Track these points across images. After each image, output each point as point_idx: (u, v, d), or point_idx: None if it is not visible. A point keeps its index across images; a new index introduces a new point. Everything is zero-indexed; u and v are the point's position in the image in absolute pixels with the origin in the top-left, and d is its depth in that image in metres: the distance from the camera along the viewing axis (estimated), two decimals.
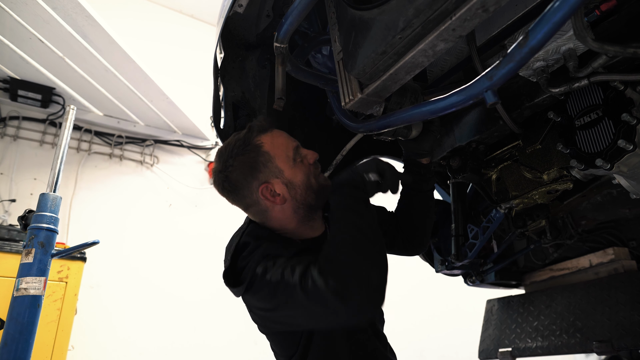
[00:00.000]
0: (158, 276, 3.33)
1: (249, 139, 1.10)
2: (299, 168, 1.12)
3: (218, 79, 1.38)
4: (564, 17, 0.55)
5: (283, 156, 1.11)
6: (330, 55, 1.31)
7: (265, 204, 1.10)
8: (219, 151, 1.15)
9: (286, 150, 1.12)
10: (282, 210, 1.11)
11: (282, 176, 1.10)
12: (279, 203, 1.10)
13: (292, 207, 1.11)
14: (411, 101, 1.07)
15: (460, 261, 1.57)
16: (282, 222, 1.13)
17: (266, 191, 1.08)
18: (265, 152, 1.09)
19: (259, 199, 1.09)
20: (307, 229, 1.16)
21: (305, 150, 1.16)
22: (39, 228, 1.61)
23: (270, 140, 1.11)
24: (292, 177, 1.11)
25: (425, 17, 0.69)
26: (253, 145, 1.10)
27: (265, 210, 1.11)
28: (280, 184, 1.09)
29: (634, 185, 1.07)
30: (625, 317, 1.34)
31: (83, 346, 2.89)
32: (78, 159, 3.34)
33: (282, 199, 1.09)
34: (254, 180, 1.09)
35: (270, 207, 1.10)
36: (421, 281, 4.29)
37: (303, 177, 1.12)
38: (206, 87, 1.56)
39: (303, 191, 1.11)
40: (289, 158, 1.11)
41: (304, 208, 1.12)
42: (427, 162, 1.32)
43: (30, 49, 2.66)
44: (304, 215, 1.13)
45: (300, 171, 1.12)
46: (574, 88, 0.97)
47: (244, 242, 1.06)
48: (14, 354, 1.46)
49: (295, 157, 1.12)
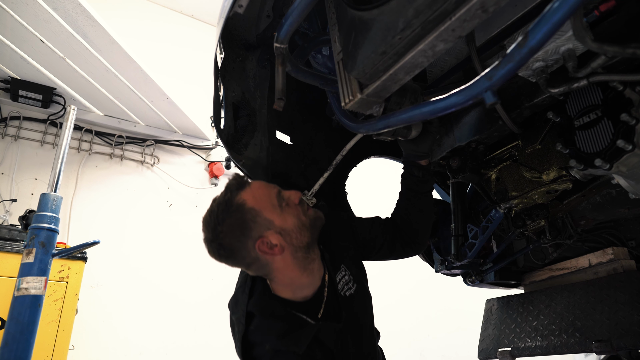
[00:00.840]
0: (158, 276, 3.34)
1: (230, 200, 1.10)
2: (287, 213, 1.13)
3: (218, 79, 1.38)
4: (564, 18, 0.56)
5: (269, 207, 1.11)
6: (330, 55, 1.31)
7: (266, 258, 1.10)
8: (204, 220, 1.13)
9: (270, 200, 1.12)
10: (283, 259, 1.11)
11: (274, 226, 1.10)
12: (278, 253, 1.10)
13: (291, 252, 1.11)
14: (411, 101, 1.07)
15: (460, 261, 1.58)
16: (285, 272, 1.12)
17: (263, 246, 1.08)
18: (250, 208, 1.09)
19: (258, 255, 1.09)
20: (308, 276, 1.15)
21: (287, 192, 1.17)
22: (39, 228, 1.62)
23: (251, 196, 1.11)
24: (283, 223, 1.11)
25: (425, 17, 0.69)
26: (236, 206, 1.09)
27: (267, 263, 1.11)
28: (274, 234, 1.09)
29: (633, 185, 1.07)
30: (625, 316, 1.34)
31: (84, 346, 2.89)
32: (79, 159, 3.34)
33: (280, 248, 1.09)
34: (248, 240, 1.08)
35: (271, 259, 1.10)
36: (421, 281, 4.30)
37: (294, 220, 1.13)
38: (206, 87, 1.57)
39: (297, 234, 1.12)
40: (274, 206, 1.11)
41: (301, 250, 1.13)
42: (427, 163, 1.33)
43: (31, 49, 2.66)
44: (303, 256, 1.13)
45: (289, 215, 1.13)
46: (573, 88, 0.97)
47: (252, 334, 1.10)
48: (15, 354, 1.46)
49: (280, 203, 1.13)
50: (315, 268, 1.17)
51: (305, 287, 1.16)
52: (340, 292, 1.18)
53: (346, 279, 1.22)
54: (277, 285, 1.15)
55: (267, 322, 1.09)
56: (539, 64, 1.00)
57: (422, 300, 4.45)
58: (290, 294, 1.14)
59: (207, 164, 3.92)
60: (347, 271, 1.24)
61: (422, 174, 1.32)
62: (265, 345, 1.06)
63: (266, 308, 1.11)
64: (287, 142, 1.56)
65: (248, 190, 1.13)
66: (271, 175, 1.47)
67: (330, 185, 1.60)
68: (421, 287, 4.40)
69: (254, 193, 1.12)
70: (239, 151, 1.46)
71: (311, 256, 1.16)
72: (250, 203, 1.09)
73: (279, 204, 1.12)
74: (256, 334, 1.09)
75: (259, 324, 1.10)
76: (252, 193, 1.12)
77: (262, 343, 1.07)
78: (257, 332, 1.09)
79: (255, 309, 1.11)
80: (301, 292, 1.15)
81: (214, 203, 1.13)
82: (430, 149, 1.29)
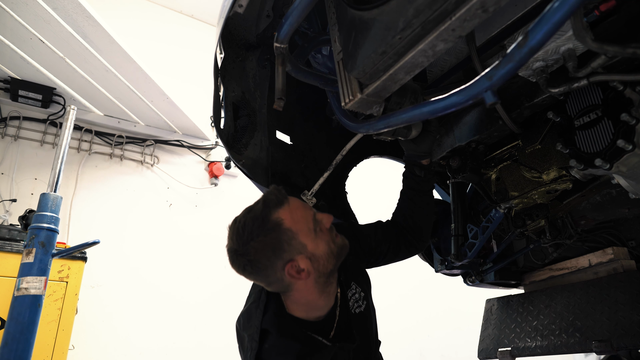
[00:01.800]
0: (158, 276, 3.34)
1: (267, 217, 1.03)
2: (320, 238, 1.09)
3: (218, 79, 1.38)
4: (564, 17, 0.56)
5: (305, 230, 1.06)
6: (330, 55, 1.31)
7: (289, 280, 1.06)
8: (234, 231, 1.06)
9: (307, 223, 1.07)
10: (305, 284, 1.08)
11: (306, 251, 1.05)
12: (304, 278, 1.06)
13: (314, 278, 1.08)
14: (411, 101, 1.07)
15: (460, 261, 1.58)
16: (304, 293, 1.10)
17: (291, 269, 1.04)
18: (287, 229, 1.03)
19: (284, 276, 1.05)
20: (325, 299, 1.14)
21: (320, 215, 1.12)
22: (39, 228, 1.62)
23: (289, 215, 1.05)
24: (315, 249, 1.07)
25: (425, 17, 0.69)
26: (273, 224, 1.03)
27: (288, 285, 1.08)
28: (304, 259, 1.05)
29: (633, 185, 1.07)
30: (625, 316, 1.34)
31: (84, 346, 2.89)
32: (78, 159, 3.34)
33: (307, 273, 1.06)
34: (278, 260, 1.03)
35: (294, 282, 1.07)
36: (421, 281, 4.30)
37: (324, 247, 1.09)
38: (206, 87, 1.57)
39: (325, 261, 1.09)
40: (310, 230, 1.07)
41: (324, 276, 1.10)
42: (427, 162, 1.33)
43: (30, 49, 2.66)
44: (324, 282, 1.11)
45: (321, 241, 1.09)
46: (573, 88, 0.97)
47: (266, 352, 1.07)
48: (15, 354, 1.46)
49: (315, 228, 1.08)
50: (332, 290, 1.16)
51: (320, 309, 1.14)
52: (351, 310, 1.17)
53: (356, 297, 1.21)
54: (292, 303, 1.12)
55: (284, 342, 1.06)
56: (539, 64, 1.00)
57: (422, 300, 4.45)
58: (304, 314, 1.12)
59: (207, 164, 3.92)
60: (358, 288, 1.23)
61: (424, 174, 1.33)
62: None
63: (285, 328, 1.08)
64: (287, 142, 1.56)
65: (286, 208, 1.06)
66: (271, 175, 1.47)
67: (330, 185, 1.60)
68: (421, 287, 4.40)
69: (292, 213, 1.06)
70: (239, 151, 1.46)
71: (330, 280, 1.14)
72: (288, 224, 1.04)
73: (314, 228, 1.08)
74: (271, 354, 1.06)
75: (275, 343, 1.06)
76: (290, 213, 1.05)
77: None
78: (272, 351, 1.06)
79: (271, 328, 1.08)
80: (315, 313, 1.13)
81: (248, 215, 1.05)
82: (430, 148, 1.30)
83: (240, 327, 1.18)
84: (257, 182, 1.47)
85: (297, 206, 1.09)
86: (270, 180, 1.46)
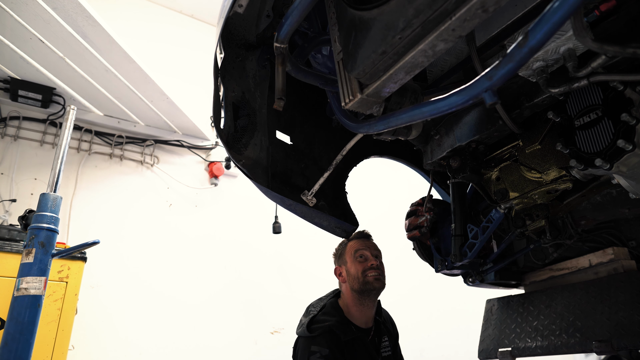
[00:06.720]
0: (158, 276, 3.33)
1: (347, 239, 1.86)
2: (356, 262, 1.82)
3: (218, 79, 1.38)
4: (564, 17, 0.55)
5: (350, 253, 1.86)
6: (330, 55, 1.31)
7: (338, 278, 1.91)
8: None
9: (353, 251, 1.85)
10: (345, 287, 1.85)
11: (346, 265, 1.86)
12: (343, 282, 1.86)
13: (348, 287, 1.82)
14: (411, 101, 1.07)
15: (460, 261, 1.58)
16: (345, 294, 1.84)
17: (337, 271, 1.92)
18: (346, 249, 1.89)
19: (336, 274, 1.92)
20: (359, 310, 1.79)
21: (366, 253, 1.84)
22: (39, 228, 1.62)
23: (352, 243, 1.88)
24: (350, 267, 1.83)
25: (425, 17, 0.69)
26: (345, 243, 1.93)
27: (340, 283, 1.90)
28: (344, 269, 1.87)
29: (634, 185, 1.07)
30: (625, 316, 1.34)
31: (83, 346, 2.89)
32: (78, 159, 3.34)
33: (344, 279, 1.85)
34: (337, 261, 1.94)
35: (342, 281, 1.88)
36: (421, 281, 4.30)
37: (355, 270, 1.80)
38: (206, 87, 1.57)
39: (351, 279, 1.80)
40: (352, 256, 1.85)
41: (354, 291, 1.79)
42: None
43: (30, 49, 2.66)
44: (355, 297, 1.79)
45: (356, 265, 1.81)
46: (573, 88, 0.97)
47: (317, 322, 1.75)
48: (15, 354, 1.46)
49: (355, 256, 1.84)
50: (366, 312, 1.80)
51: (354, 319, 1.77)
52: (380, 350, 1.80)
53: (385, 345, 1.84)
54: (341, 301, 1.84)
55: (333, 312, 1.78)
56: (539, 64, 1.00)
57: (422, 300, 4.45)
58: (346, 310, 1.80)
59: (207, 164, 3.92)
60: (387, 342, 1.86)
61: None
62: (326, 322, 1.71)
63: (336, 305, 1.82)
64: (287, 142, 1.56)
65: (354, 239, 1.90)
66: (271, 175, 1.47)
67: (330, 185, 1.60)
68: (421, 287, 4.40)
69: (353, 243, 1.89)
70: (239, 151, 1.46)
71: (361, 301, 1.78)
72: (349, 246, 1.89)
73: (354, 256, 1.84)
74: (320, 318, 1.75)
75: (327, 311, 1.78)
76: (353, 242, 1.89)
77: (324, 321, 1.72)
78: (322, 316, 1.76)
79: (329, 304, 1.83)
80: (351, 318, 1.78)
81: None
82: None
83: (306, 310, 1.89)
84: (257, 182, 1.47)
85: (356, 241, 1.89)
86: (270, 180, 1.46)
